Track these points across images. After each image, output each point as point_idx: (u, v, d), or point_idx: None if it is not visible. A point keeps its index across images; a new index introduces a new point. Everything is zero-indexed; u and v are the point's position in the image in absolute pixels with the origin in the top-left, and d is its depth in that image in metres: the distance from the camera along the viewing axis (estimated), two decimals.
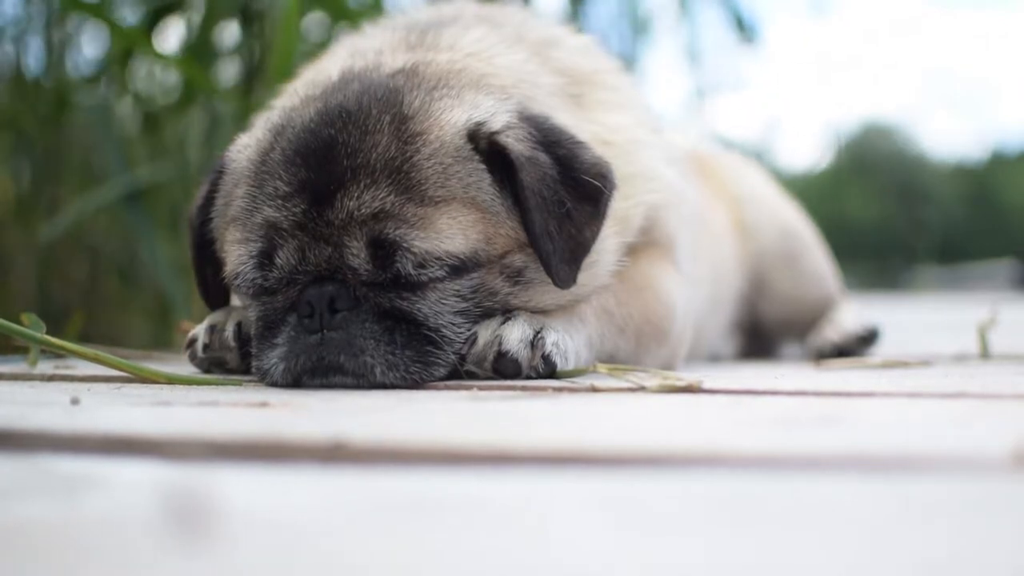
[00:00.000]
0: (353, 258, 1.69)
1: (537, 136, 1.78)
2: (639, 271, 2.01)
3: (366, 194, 1.68)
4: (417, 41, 2.03)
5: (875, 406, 1.43)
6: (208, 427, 1.23)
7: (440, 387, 1.69)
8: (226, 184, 1.87)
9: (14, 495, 0.88)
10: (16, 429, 1.15)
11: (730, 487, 0.90)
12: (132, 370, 1.75)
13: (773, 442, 1.10)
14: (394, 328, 1.69)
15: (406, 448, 1.04)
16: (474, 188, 1.73)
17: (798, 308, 3.17)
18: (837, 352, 2.91)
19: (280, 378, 1.71)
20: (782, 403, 1.45)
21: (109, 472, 1.00)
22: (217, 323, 1.93)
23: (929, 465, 0.96)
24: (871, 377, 1.91)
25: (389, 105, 1.76)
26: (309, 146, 1.74)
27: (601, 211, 1.80)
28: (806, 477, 0.93)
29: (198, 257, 1.97)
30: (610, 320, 1.92)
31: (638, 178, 2.01)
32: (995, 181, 48.54)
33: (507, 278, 1.76)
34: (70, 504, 0.85)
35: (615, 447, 1.02)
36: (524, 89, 1.94)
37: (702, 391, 1.59)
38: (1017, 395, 1.48)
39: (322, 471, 0.99)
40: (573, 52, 2.16)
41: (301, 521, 0.80)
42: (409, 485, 0.93)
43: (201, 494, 0.86)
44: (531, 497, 0.88)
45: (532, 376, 1.72)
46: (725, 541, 0.73)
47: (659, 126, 2.28)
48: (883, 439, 1.13)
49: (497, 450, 1.01)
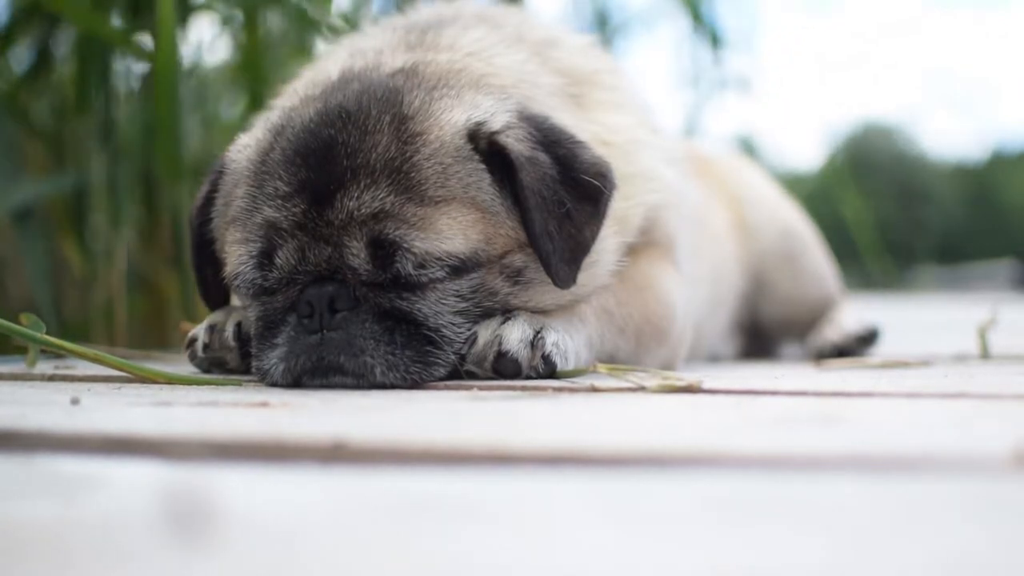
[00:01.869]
0: (353, 258, 1.69)
1: (537, 136, 1.78)
2: (639, 271, 2.01)
3: (366, 194, 1.68)
4: (417, 41, 2.03)
5: (875, 406, 1.43)
6: (208, 427, 1.23)
7: (440, 387, 1.69)
8: (226, 184, 1.87)
9: (14, 495, 0.88)
10: (16, 429, 1.15)
11: (730, 487, 0.90)
12: (132, 370, 1.75)
13: (773, 442, 1.10)
14: (394, 328, 1.69)
15: (406, 448, 1.04)
16: (474, 188, 1.73)
17: (798, 308, 3.17)
18: (837, 352, 2.91)
19: (280, 378, 1.71)
20: (782, 403, 1.45)
21: (109, 472, 1.00)
22: (217, 323, 1.93)
23: (929, 465, 0.96)
24: (871, 377, 1.91)
25: (389, 105, 1.76)
26: (309, 146, 1.74)
27: (601, 211, 1.80)
28: (806, 477, 0.93)
29: (198, 257, 1.97)
30: (610, 320, 1.92)
31: (638, 178, 2.01)
32: (995, 181, 48.54)
33: (507, 278, 1.76)
34: (70, 504, 0.85)
35: (615, 447, 1.02)
36: (524, 89, 1.94)
37: (702, 391, 1.59)
38: (1017, 395, 1.48)
39: (322, 471, 0.99)
40: (573, 52, 2.16)
41: (301, 521, 0.80)
42: (409, 485, 0.93)
43: (201, 494, 0.86)
44: (531, 497, 0.88)
45: (532, 376, 1.72)
46: (725, 541, 0.73)
47: (659, 126, 2.29)
48: (883, 439, 1.13)
49: (497, 450, 1.01)
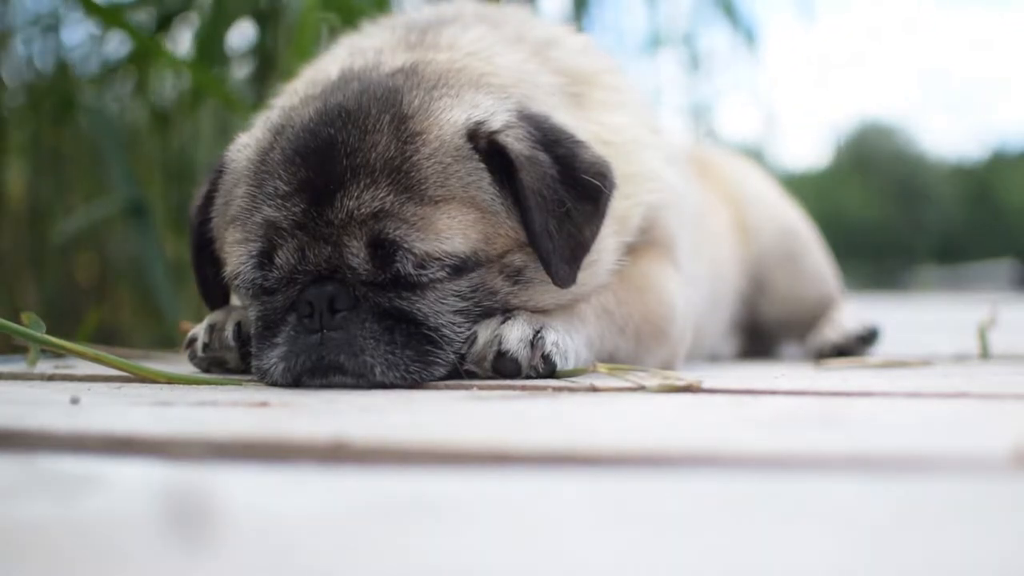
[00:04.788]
0: (353, 258, 1.69)
1: (537, 135, 1.78)
2: (639, 271, 2.01)
3: (366, 194, 1.68)
4: (417, 40, 2.03)
5: (875, 406, 1.43)
6: (208, 427, 1.23)
7: (440, 387, 1.69)
8: (226, 184, 1.87)
9: (14, 495, 0.88)
10: (16, 429, 1.15)
11: (730, 487, 0.90)
12: (132, 370, 1.75)
13: (773, 442, 1.10)
14: (394, 328, 1.69)
15: (406, 448, 1.04)
16: (474, 187, 1.73)
17: (798, 308, 3.17)
18: (837, 352, 2.91)
19: (280, 378, 1.71)
20: (782, 403, 1.45)
21: (109, 472, 0.99)
22: (217, 323, 1.93)
23: (929, 465, 0.96)
24: (871, 377, 1.91)
25: (389, 104, 1.76)
26: (309, 146, 1.74)
27: (601, 210, 1.80)
28: (806, 477, 0.93)
29: (198, 257, 1.97)
30: (610, 320, 1.92)
31: (638, 178, 2.01)
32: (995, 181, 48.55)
33: (507, 278, 1.76)
34: (70, 504, 0.85)
35: (615, 447, 1.02)
36: (524, 88, 1.94)
37: (702, 391, 1.59)
38: (1017, 395, 1.48)
39: (322, 471, 0.99)
40: (573, 52, 2.16)
41: (301, 521, 0.80)
42: (409, 485, 0.93)
43: (201, 494, 0.86)
44: (531, 497, 0.88)
45: (532, 376, 1.72)
46: (725, 541, 0.73)
47: (659, 126, 2.29)
48: (883, 439, 1.13)
49: (497, 450, 1.01)
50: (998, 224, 44.22)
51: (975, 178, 49.61)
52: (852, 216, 43.32)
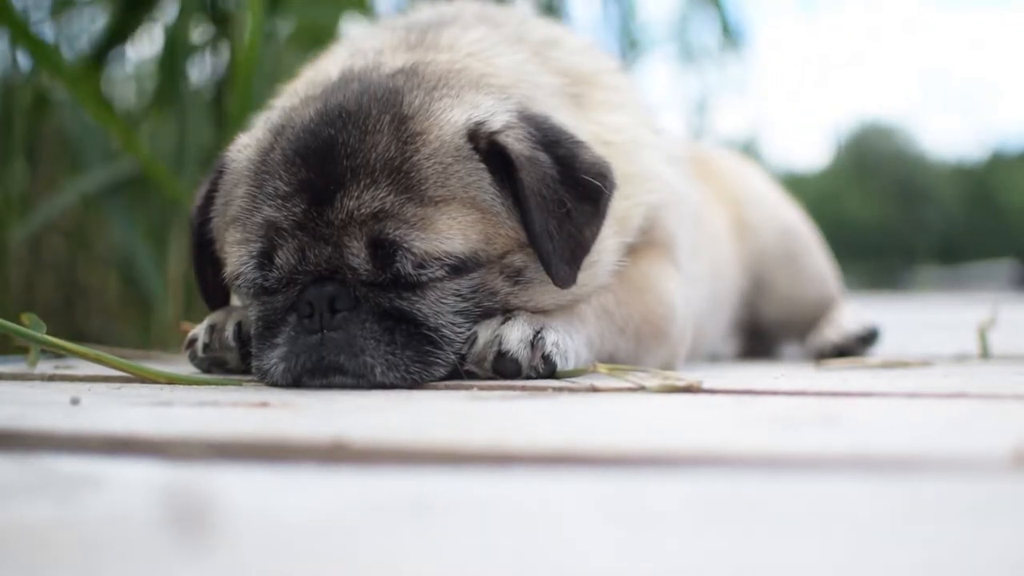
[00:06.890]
0: (353, 258, 1.69)
1: (537, 136, 1.78)
2: (639, 271, 2.01)
3: (366, 194, 1.68)
4: (417, 41, 2.03)
5: (875, 406, 1.43)
6: (208, 427, 1.23)
7: (440, 387, 1.69)
8: (226, 184, 1.87)
9: (14, 495, 0.88)
10: (16, 429, 1.15)
11: (730, 487, 0.90)
12: (132, 370, 1.75)
13: (773, 442, 1.10)
14: (394, 328, 1.69)
15: (406, 448, 1.04)
16: (474, 188, 1.73)
17: (798, 308, 3.17)
18: (837, 352, 2.91)
19: (280, 378, 1.71)
20: (782, 403, 1.45)
21: (109, 472, 0.99)
22: (217, 323, 1.93)
23: (929, 465, 0.96)
24: (871, 377, 1.91)
25: (389, 105, 1.76)
26: (309, 146, 1.74)
27: (601, 211, 1.80)
28: (806, 477, 0.93)
29: (198, 257, 1.97)
30: (610, 320, 1.92)
31: (638, 178, 2.01)
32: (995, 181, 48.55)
33: (507, 278, 1.76)
34: (70, 504, 0.85)
35: (615, 447, 1.02)
36: (524, 89, 1.94)
37: (702, 391, 1.59)
38: (1017, 395, 1.48)
39: (322, 471, 0.99)
40: (573, 52, 2.16)
41: (301, 521, 0.80)
42: (409, 485, 0.93)
43: (201, 494, 0.86)
44: (531, 497, 0.88)
45: (532, 376, 1.72)
46: (725, 541, 0.73)
47: (659, 126, 2.29)
48: (883, 439, 1.13)
49: (497, 450, 1.01)
50: (998, 224, 44.21)
51: (975, 178, 49.61)
52: (852, 216, 43.35)
